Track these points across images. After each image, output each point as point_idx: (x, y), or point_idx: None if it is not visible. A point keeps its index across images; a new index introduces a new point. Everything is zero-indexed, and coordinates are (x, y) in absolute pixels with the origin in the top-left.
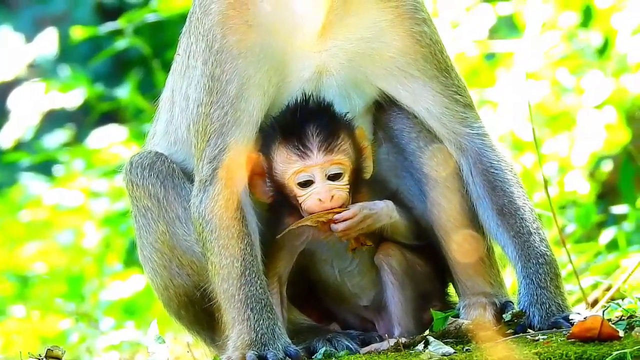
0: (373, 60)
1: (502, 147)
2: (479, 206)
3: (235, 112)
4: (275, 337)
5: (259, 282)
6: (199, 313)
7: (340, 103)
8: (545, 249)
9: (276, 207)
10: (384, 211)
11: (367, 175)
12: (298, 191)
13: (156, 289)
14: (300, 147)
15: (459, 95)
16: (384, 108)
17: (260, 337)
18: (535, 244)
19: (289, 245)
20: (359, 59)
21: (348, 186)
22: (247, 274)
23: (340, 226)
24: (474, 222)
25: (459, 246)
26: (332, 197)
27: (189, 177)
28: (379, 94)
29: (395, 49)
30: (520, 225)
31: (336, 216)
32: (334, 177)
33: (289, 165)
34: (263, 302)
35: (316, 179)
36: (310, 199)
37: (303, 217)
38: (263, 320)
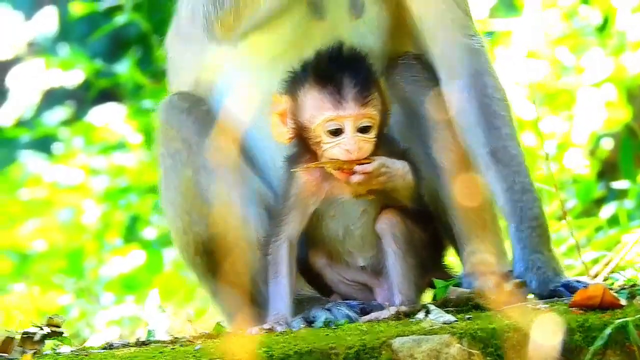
0: None
1: (495, 71)
2: (472, 142)
3: None
4: None
5: None
6: (212, 264)
7: None
8: (537, 211)
9: (292, 156)
10: (400, 172)
11: (387, 129)
12: (325, 138)
13: (175, 232)
14: (336, 95)
15: None
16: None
17: None
18: (529, 205)
19: (301, 204)
20: None
21: (375, 139)
22: None
23: (358, 178)
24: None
25: (464, 192)
26: (360, 149)
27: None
28: None
29: None
30: (512, 180)
31: (357, 167)
32: (363, 130)
33: (321, 112)
34: None
35: (346, 129)
36: (338, 148)
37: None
38: None
